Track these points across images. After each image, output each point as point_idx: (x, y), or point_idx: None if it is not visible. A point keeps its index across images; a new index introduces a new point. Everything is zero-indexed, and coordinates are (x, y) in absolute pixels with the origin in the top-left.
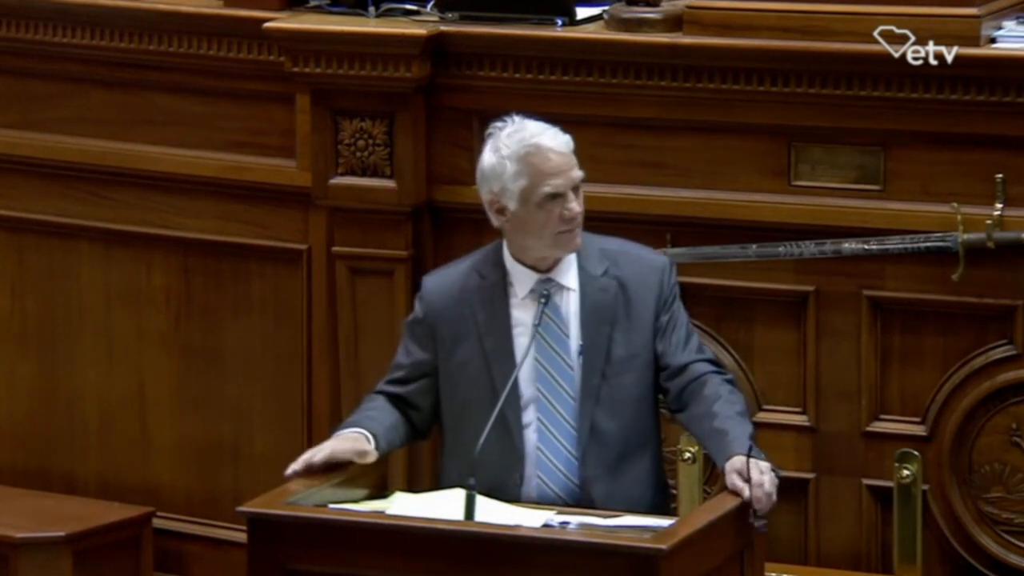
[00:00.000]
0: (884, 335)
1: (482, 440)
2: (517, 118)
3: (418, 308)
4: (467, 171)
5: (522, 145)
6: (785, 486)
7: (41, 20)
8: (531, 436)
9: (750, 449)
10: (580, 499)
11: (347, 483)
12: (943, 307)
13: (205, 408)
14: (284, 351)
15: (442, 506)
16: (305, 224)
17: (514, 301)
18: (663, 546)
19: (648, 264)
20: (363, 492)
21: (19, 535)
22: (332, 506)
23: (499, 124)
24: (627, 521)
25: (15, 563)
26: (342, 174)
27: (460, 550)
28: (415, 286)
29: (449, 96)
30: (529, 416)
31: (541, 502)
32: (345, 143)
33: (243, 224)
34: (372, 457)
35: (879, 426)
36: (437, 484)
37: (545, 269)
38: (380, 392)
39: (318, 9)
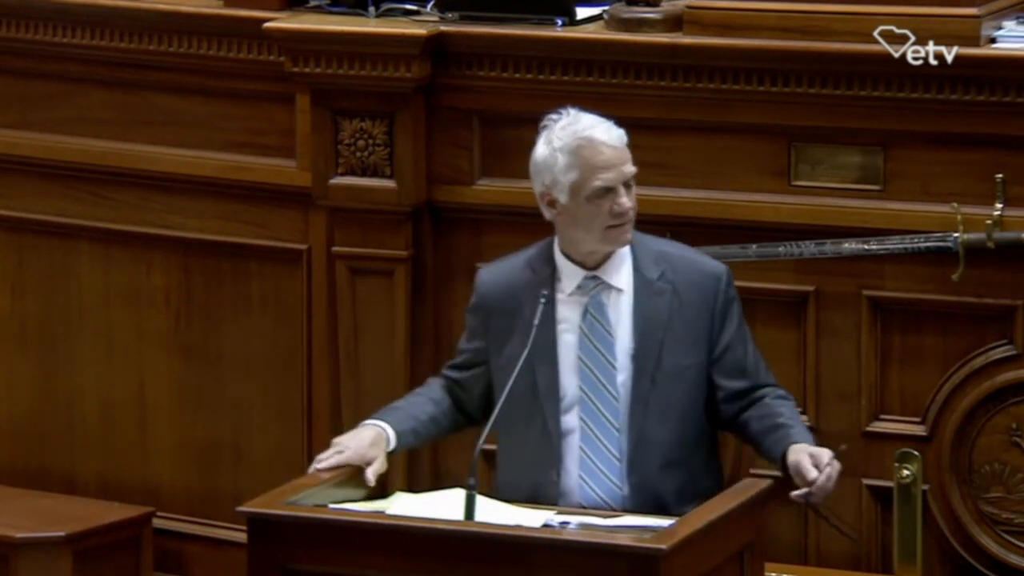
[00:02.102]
0: (884, 335)
1: (482, 438)
2: (572, 111)
3: (473, 297)
4: (467, 171)
5: (574, 138)
6: None
7: (41, 20)
8: (574, 438)
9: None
10: (624, 505)
11: (347, 483)
12: (943, 307)
13: (205, 408)
14: (284, 351)
15: (442, 506)
16: (305, 224)
17: (560, 297)
18: (663, 546)
19: (704, 271)
20: (363, 492)
21: (19, 535)
22: (332, 506)
23: (554, 116)
24: (627, 521)
25: (15, 563)
26: (342, 174)
27: (460, 550)
28: (415, 286)
29: (449, 96)
30: (572, 417)
31: (585, 506)
32: (345, 143)
33: (243, 224)
34: (377, 466)
35: (879, 426)
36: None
37: (593, 266)
38: (441, 375)
39: (318, 9)
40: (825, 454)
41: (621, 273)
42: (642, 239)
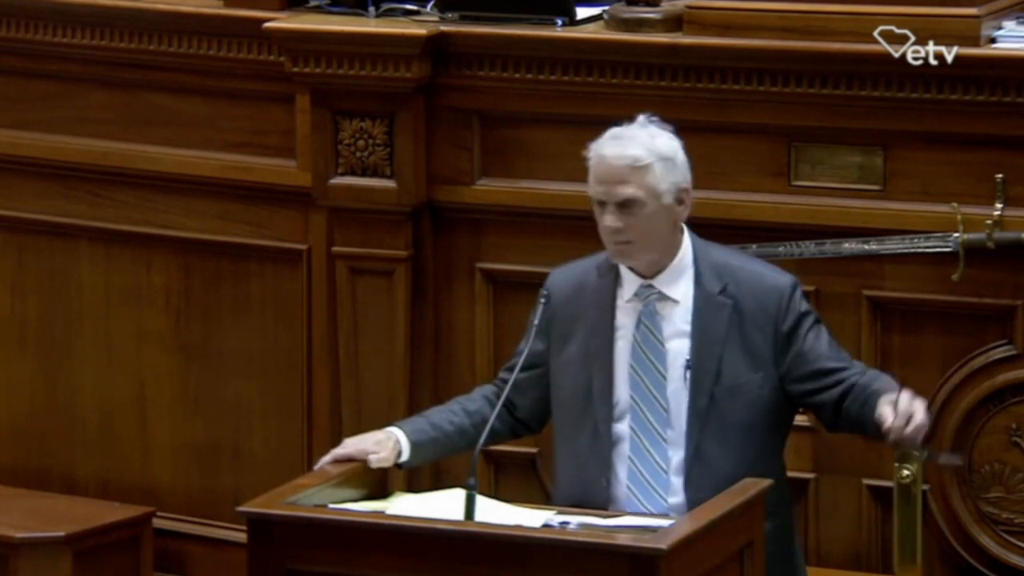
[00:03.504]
0: (884, 335)
1: (483, 439)
2: (642, 118)
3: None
4: (467, 171)
5: (594, 148)
6: None
7: (41, 20)
8: (625, 446)
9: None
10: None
11: (347, 483)
12: (943, 307)
13: (205, 408)
14: (284, 351)
15: (442, 506)
16: (305, 224)
17: (619, 303)
18: (663, 546)
19: (768, 286)
20: (363, 492)
21: (19, 535)
22: (332, 506)
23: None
24: (627, 521)
25: (15, 563)
26: (342, 174)
27: (460, 550)
28: (415, 286)
29: (449, 96)
30: (624, 425)
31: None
32: (345, 143)
33: (243, 224)
34: (380, 457)
35: None
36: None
37: (648, 275)
38: (495, 380)
39: (318, 9)
40: (904, 398)
41: (680, 284)
42: (707, 249)
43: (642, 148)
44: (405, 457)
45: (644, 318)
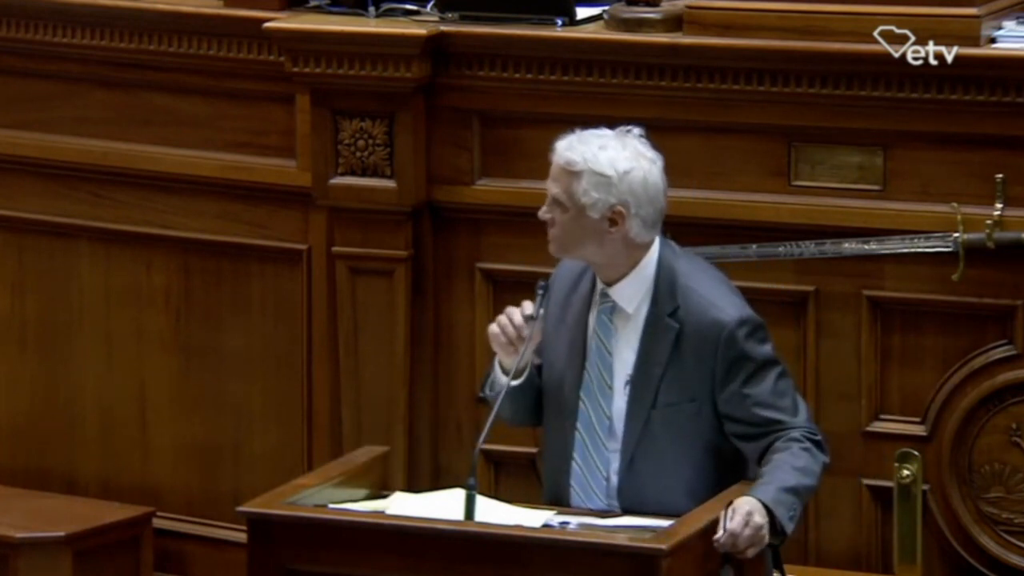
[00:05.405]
0: (884, 335)
1: (482, 439)
2: (632, 129)
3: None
4: (467, 171)
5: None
6: None
7: (41, 20)
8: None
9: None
10: None
11: (347, 483)
12: (943, 307)
13: (205, 408)
14: (284, 351)
15: (442, 506)
16: (305, 224)
17: (592, 303)
18: (663, 546)
19: (710, 319)
20: (363, 492)
21: (19, 535)
22: (332, 506)
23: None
24: (627, 521)
25: (15, 563)
26: (342, 174)
27: (460, 550)
28: (415, 286)
29: (449, 96)
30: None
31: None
32: (345, 143)
33: (243, 224)
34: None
35: (879, 426)
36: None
37: (606, 281)
38: None
39: (318, 9)
40: (739, 509)
41: (636, 297)
42: (675, 266)
43: (582, 155)
44: (524, 377)
45: (598, 326)
